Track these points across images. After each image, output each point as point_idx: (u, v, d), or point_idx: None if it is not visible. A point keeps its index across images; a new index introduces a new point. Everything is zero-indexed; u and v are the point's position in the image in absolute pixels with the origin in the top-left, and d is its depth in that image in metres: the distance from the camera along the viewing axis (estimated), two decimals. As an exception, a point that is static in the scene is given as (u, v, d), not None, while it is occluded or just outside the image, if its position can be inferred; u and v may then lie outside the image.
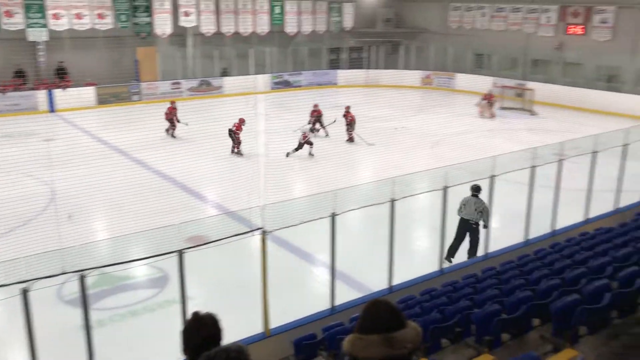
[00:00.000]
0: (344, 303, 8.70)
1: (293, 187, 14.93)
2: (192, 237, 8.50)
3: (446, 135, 19.85)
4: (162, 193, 14.56)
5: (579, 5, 27.06)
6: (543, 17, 28.52)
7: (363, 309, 2.44)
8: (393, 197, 9.47)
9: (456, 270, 9.94)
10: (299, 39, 31.52)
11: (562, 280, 6.75)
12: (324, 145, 17.69)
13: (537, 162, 11.29)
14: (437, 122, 20.13)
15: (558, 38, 28.05)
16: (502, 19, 30.30)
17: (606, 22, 26.21)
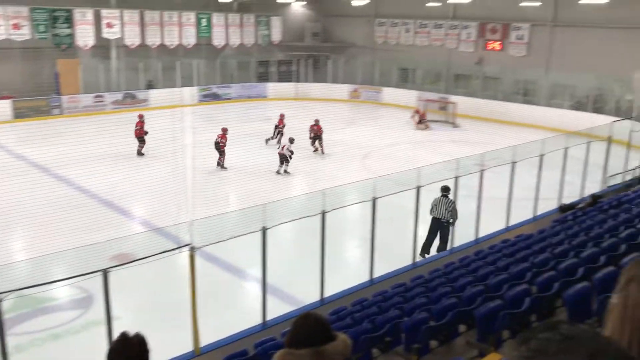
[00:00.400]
0: (275, 317, 8.66)
1: (223, 201, 14.76)
2: (117, 255, 8.23)
3: (375, 147, 20.25)
4: (86, 210, 14.01)
5: (496, 22, 28.40)
6: (464, 33, 29.73)
7: (293, 323, 2.47)
8: (324, 209, 9.56)
9: (386, 280, 10.12)
10: (227, 52, 31.36)
11: (485, 287, 7.00)
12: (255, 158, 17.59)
13: (460, 173, 11.72)
14: (366, 135, 20.50)
15: (478, 53, 29.30)
16: (425, 34, 31.34)
17: (522, 39, 27.64)
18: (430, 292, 7.60)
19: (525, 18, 27.14)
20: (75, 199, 14.17)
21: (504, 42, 28.37)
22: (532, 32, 27.23)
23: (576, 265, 6.74)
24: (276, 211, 9.58)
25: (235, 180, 15.25)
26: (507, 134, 22.73)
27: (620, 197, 12.52)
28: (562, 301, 5.90)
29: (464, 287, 7.25)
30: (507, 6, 27.26)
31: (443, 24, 30.46)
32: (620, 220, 9.00)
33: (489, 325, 5.51)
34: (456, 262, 9.62)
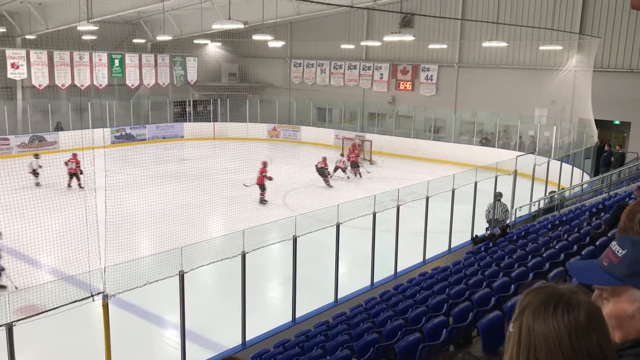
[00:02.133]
0: (196, 365, 8.38)
1: (138, 246, 14.26)
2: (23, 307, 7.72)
3: (294, 185, 20.36)
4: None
5: (407, 64, 29.70)
6: (377, 73, 30.85)
7: None
8: (244, 250, 9.45)
9: (309, 319, 10.07)
10: (141, 92, 30.80)
11: (405, 320, 7.12)
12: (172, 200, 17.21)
13: (378, 208, 11.99)
14: (285, 173, 20.58)
15: (391, 93, 30.44)
16: (340, 75, 32.24)
17: (431, 79, 29.02)
18: (352, 329, 7.61)
19: (433, 60, 28.57)
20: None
21: (414, 82, 29.66)
22: (440, 72, 28.67)
23: (489, 295, 7.00)
24: (194, 254, 9.36)
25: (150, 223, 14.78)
26: (420, 169, 23.57)
27: (528, 227, 13.23)
28: (477, 330, 6.09)
29: (385, 321, 7.33)
30: (416, 49, 28.61)
31: (357, 65, 31.48)
32: (528, 250, 9.47)
33: (410, 359, 5.58)
34: (377, 297, 9.74)
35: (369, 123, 30.77)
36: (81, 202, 10.91)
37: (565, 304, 1.30)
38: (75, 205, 13.16)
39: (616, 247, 1.52)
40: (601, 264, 1.53)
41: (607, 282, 1.48)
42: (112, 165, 19.32)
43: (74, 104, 27.68)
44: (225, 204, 18.26)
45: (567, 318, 1.28)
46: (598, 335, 1.28)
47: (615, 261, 1.50)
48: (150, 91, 31.04)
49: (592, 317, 1.29)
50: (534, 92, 24.90)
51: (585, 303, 1.32)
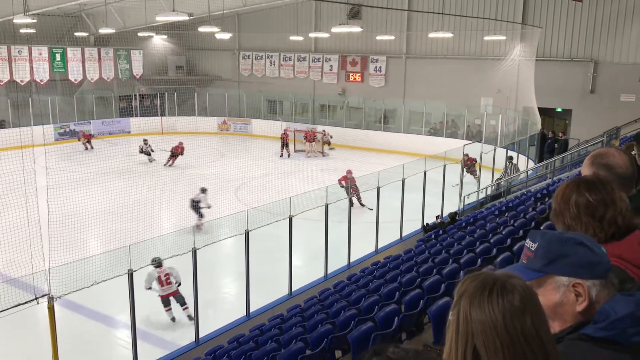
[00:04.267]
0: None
1: (84, 245, 13.85)
2: (-38, 314, 7.39)
3: (246, 179, 20.19)
4: None
5: (355, 55, 29.82)
6: (326, 65, 30.85)
7: None
8: (195, 246, 9.31)
9: (263, 313, 10.02)
10: (84, 87, 29.85)
11: (358, 310, 7.16)
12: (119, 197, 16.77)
13: (330, 200, 12.02)
14: (237, 167, 20.39)
15: (341, 84, 30.52)
16: (290, 67, 32.09)
17: (380, 70, 29.24)
18: (306, 321, 7.62)
19: (381, 51, 28.79)
20: None
21: (363, 74, 29.82)
22: (389, 64, 28.92)
23: (439, 282, 7.12)
24: (143, 252, 9.17)
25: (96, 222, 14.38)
26: (371, 160, 23.77)
27: (476, 214, 13.54)
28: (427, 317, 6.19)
29: (339, 312, 7.37)
30: (364, 40, 28.76)
31: (306, 56, 31.41)
32: (476, 236, 9.69)
33: (363, 348, 5.62)
34: (331, 288, 9.77)
35: (320, 115, 30.78)
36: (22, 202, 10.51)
37: (499, 288, 1.32)
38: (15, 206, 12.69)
39: (529, 243, 1.61)
40: (522, 263, 1.61)
41: (530, 276, 1.54)
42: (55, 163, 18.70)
43: (13, 100, 26.58)
44: (175, 200, 17.94)
45: (502, 302, 1.30)
46: (533, 318, 1.29)
47: (531, 255, 1.58)
48: (95, 86, 30.13)
49: (527, 300, 1.31)
50: (480, 82, 25.44)
51: (520, 287, 1.33)
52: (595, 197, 1.91)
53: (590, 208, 1.90)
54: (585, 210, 1.91)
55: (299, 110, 31.90)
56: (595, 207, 1.90)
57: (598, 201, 1.90)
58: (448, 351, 1.34)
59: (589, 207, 1.90)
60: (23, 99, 26.52)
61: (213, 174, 20.38)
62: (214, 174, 20.26)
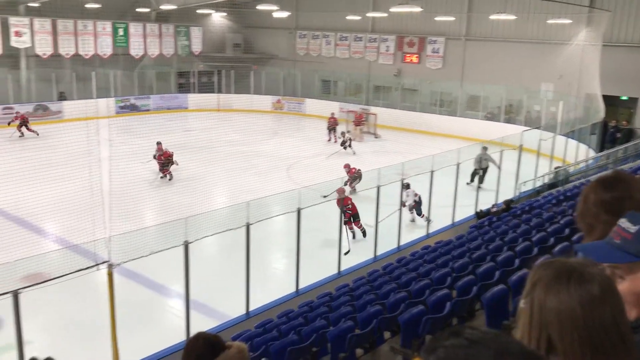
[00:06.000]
0: (200, 334, 8.46)
1: (143, 216, 14.30)
2: (29, 276, 7.78)
3: (299, 158, 20.31)
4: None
5: (413, 36, 29.35)
6: (382, 46, 30.51)
7: (185, 346, 2.57)
8: (248, 222, 9.46)
9: (312, 290, 10.13)
10: (145, 62, 30.56)
11: (408, 293, 7.15)
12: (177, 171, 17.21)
13: (382, 182, 11.96)
14: (289, 146, 20.53)
15: (397, 66, 30.14)
16: (345, 47, 31.90)
17: (437, 52, 28.70)
18: (355, 301, 7.67)
19: (440, 32, 28.22)
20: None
21: (420, 55, 29.34)
22: (447, 45, 28.34)
23: (493, 269, 7.01)
24: (199, 224, 9.40)
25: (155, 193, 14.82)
26: (425, 143, 23.46)
27: (532, 202, 13.21)
28: (480, 304, 6.12)
29: (388, 294, 7.37)
30: (423, 21, 28.24)
31: (362, 37, 31.13)
32: (532, 225, 9.47)
33: (413, 331, 5.62)
34: (380, 270, 9.78)
35: (373, 96, 30.51)
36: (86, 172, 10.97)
37: (577, 277, 1.28)
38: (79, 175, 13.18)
39: (626, 224, 1.51)
40: (613, 242, 1.52)
41: (623, 259, 1.47)
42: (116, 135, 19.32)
43: (77, 73, 27.52)
44: (229, 176, 18.26)
45: (580, 291, 1.25)
46: (612, 308, 1.25)
47: (629, 237, 1.49)
48: (155, 61, 30.81)
49: (606, 290, 1.27)
50: (541, 67, 24.63)
51: (599, 276, 1.29)
52: (612, 195, 1.84)
53: (608, 205, 1.83)
54: (603, 208, 1.83)
55: (353, 91, 31.72)
56: (612, 203, 1.82)
57: (616, 198, 1.83)
58: (520, 338, 1.32)
59: (607, 204, 1.83)
60: (86, 73, 27.41)
61: (266, 152, 20.63)
62: (267, 152, 20.51)
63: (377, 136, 26.30)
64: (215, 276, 10.87)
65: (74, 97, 27.40)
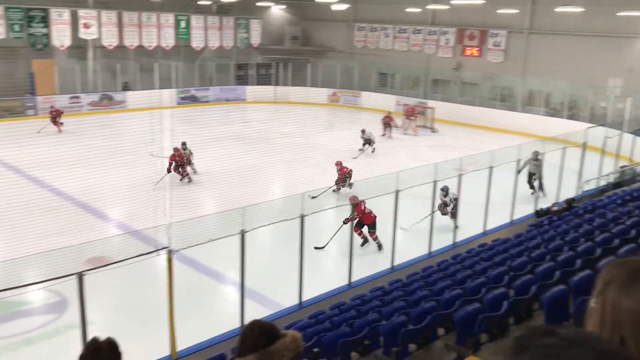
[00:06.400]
0: (254, 321, 8.59)
1: (201, 204, 14.64)
2: (92, 259, 8.12)
3: (353, 151, 20.28)
4: (60, 212, 13.78)
5: (474, 29, 28.71)
6: (442, 39, 30.01)
7: (240, 334, 2.58)
8: (302, 213, 9.54)
9: (364, 284, 10.13)
10: (205, 54, 31.17)
11: (463, 290, 7.04)
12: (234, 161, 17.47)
13: (438, 177, 11.80)
14: (344, 139, 20.52)
15: (456, 59, 29.58)
16: (404, 39, 31.55)
17: (499, 45, 27.99)
18: (408, 296, 7.61)
19: (502, 25, 27.50)
20: (50, 201, 13.93)
21: (481, 49, 28.69)
22: (509, 38, 27.59)
23: (553, 269, 6.81)
24: (255, 214, 9.55)
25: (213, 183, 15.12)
26: (485, 139, 22.98)
27: (595, 202, 12.73)
28: (539, 304, 5.96)
29: (442, 290, 7.28)
30: (484, 13, 27.58)
31: (422, 29, 30.70)
32: (595, 225, 9.14)
33: (468, 329, 5.54)
34: (434, 266, 9.67)
35: (431, 89, 30.06)
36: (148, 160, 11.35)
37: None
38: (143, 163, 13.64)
39: None
40: None
41: None
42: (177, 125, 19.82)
43: (141, 64, 28.35)
44: (285, 167, 18.45)
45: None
46: None
47: None
48: (215, 53, 31.37)
49: None
50: (609, 61, 23.62)
51: None
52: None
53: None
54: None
55: (410, 84, 31.35)
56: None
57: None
58: None
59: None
60: (149, 64, 28.21)
61: (321, 144, 20.70)
62: (322, 144, 20.57)
63: (433, 130, 25.94)
64: (270, 266, 11.03)
65: (137, 88, 28.29)
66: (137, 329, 8.49)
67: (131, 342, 2.99)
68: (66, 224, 11.73)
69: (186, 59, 29.87)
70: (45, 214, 12.99)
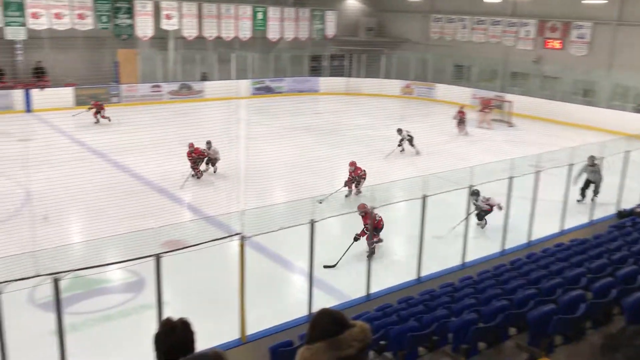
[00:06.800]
0: (321, 310, 8.67)
1: (273, 193, 14.88)
2: (169, 242, 8.42)
3: (426, 144, 19.99)
4: (139, 196, 14.41)
5: (557, 20, 27.53)
6: (522, 30, 28.97)
7: (310, 321, 2.57)
8: (373, 205, 9.52)
9: (433, 279, 9.99)
10: (281, 45, 31.54)
11: (538, 290, 6.81)
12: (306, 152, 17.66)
13: (515, 173, 11.44)
14: (417, 131, 20.24)
15: (536, 51, 28.50)
16: (482, 31, 30.71)
17: (583, 38, 26.71)
18: (479, 294, 7.45)
19: (587, 16, 26.21)
20: (130, 185, 14.58)
21: (564, 41, 27.49)
22: (595, 30, 26.27)
23: (635, 272, 6.48)
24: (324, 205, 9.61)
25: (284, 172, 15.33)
26: (565, 135, 22.06)
27: (685, 204, 11.98)
28: (619, 308, 5.68)
29: (515, 289, 7.08)
30: (568, 4, 26.39)
31: (501, 20, 29.76)
32: (685, 229, 8.60)
33: (542, 330, 5.36)
34: (507, 265, 9.40)
35: (509, 83, 29.11)
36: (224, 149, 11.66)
37: None
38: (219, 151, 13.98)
39: None
40: None
41: None
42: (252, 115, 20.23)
43: (219, 55, 29.07)
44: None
45: None
46: None
47: None
48: (289, 44, 31.68)
49: None
50: None
51: None
52: None
53: None
54: None
55: (488, 77, 30.47)
56: None
57: None
58: None
59: None
60: (226, 55, 28.88)
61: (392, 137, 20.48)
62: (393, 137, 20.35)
63: (510, 125, 25.15)
64: (338, 256, 11.06)
65: (215, 78, 29.04)
66: (208, 312, 8.75)
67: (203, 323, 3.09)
68: (145, 208, 12.25)
69: (262, 50, 30.34)
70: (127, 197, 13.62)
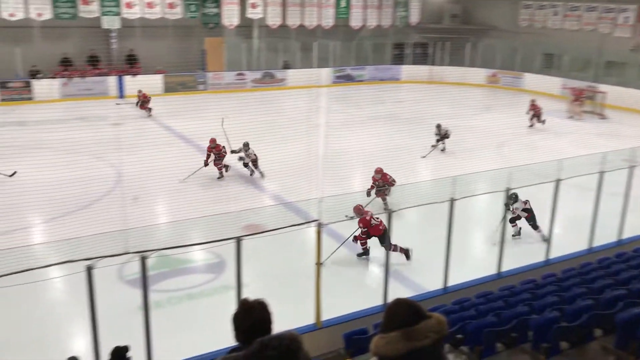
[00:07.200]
0: (396, 300, 8.63)
1: (350, 181, 14.91)
2: (248, 225, 8.65)
3: (511, 135, 19.33)
4: (222, 181, 14.87)
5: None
6: (620, 17, 27.26)
7: (385, 310, 2.56)
8: (453, 197, 9.32)
9: (514, 275, 9.69)
10: (363, 33, 31.36)
11: (628, 291, 6.46)
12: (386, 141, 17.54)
13: (606, 168, 10.84)
14: (502, 122, 19.60)
15: (635, 39, 26.74)
16: (575, 18, 29.18)
17: (689, 24, 24.83)
18: (563, 292, 7.15)
19: (696, 0, 24.31)
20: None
21: (667, 27, 25.66)
22: None
23: None
24: (403, 195, 9.52)
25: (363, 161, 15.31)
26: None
27: None
28: None
29: (603, 289, 6.74)
30: (674, -13, 24.58)
31: (597, 6, 28.13)
32: None
33: (631, 333, 5.07)
34: (594, 263, 8.97)
35: (604, 72, 27.50)
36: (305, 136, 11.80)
37: None
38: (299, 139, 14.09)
39: None
40: None
41: None
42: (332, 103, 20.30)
43: (301, 43, 29.32)
44: (435, 149, 18.12)
45: None
46: None
47: None
48: (372, 32, 31.45)
49: None
50: None
51: None
52: None
53: None
54: None
55: (580, 66, 28.94)
56: None
57: None
58: None
59: None
60: (308, 43, 29.09)
61: (477, 127, 19.96)
62: (477, 127, 19.83)
63: (602, 117, 23.83)
64: (415, 247, 10.94)
65: (297, 66, 29.34)
66: (285, 295, 8.92)
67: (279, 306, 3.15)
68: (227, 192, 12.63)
69: (344, 38, 30.31)
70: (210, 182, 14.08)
